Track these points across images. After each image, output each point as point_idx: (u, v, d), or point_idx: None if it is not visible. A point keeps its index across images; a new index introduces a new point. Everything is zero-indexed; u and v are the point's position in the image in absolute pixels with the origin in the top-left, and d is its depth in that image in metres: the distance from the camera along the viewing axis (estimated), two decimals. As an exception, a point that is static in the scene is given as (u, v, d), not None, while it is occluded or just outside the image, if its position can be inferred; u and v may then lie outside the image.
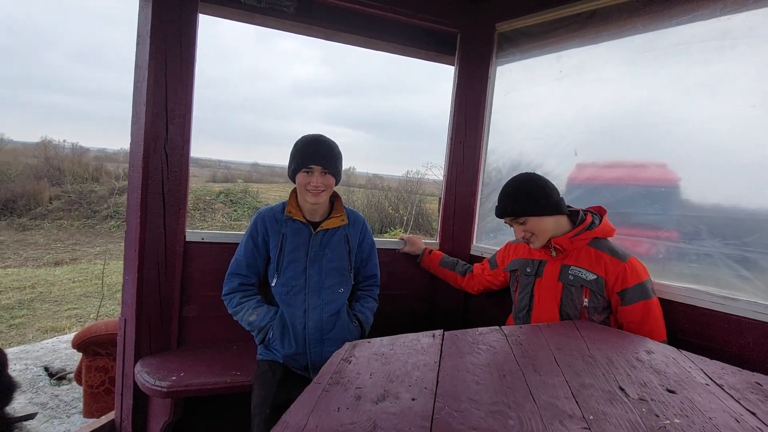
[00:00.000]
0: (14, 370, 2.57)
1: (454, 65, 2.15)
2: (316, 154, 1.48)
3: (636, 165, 1.80)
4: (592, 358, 1.01)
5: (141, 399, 1.67)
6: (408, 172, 17.83)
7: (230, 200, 15.70)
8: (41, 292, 5.55)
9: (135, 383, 1.61)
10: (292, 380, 1.45)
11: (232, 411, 1.78)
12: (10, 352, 2.86)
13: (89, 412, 1.99)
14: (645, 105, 1.77)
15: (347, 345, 1.00)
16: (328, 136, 1.57)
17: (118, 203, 14.35)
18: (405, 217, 15.08)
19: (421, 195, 17.01)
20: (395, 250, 2.06)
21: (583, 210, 1.52)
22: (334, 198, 1.65)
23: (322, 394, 0.77)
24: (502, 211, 1.49)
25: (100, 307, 4.71)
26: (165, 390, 1.45)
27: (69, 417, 2.15)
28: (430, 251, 2.03)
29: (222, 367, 1.60)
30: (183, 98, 1.69)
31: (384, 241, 2.07)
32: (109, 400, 1.97)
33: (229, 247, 1.77)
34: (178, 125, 1.71)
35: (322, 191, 1.50)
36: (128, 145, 1.75)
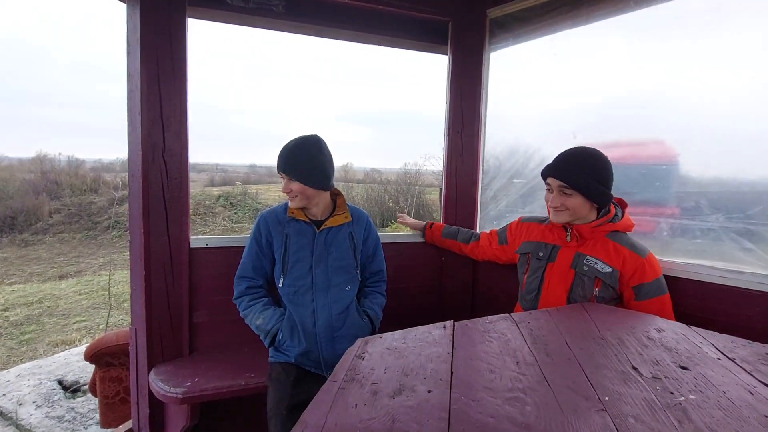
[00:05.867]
0: (28, 385, 2.60)
1: (447, 54, 2.13)
2: (281, 161, 1.51)
3: (635, 143, 1.80)
4: (603, 340, 1.02)
5: (157, 406, 1.68)
6: (406, 164, 17.77)
7: (230, 203, 15.69)
8: (48, 307, 5.57)
9: (150, 391, 1.62)
10: (306, 379, 1.46)
11: (248, 412, 1.80)
12: (23, 368, 2.88)
13: (106, 422, 2.00)
14: (641, 82, 1.77)
15: (359, 341, 1.01)
16: (319, 136, 1.56)
17: (118, 213, 14.35)
18: (406, 209, 15.10)
19: (421, 186, 17.00)
20: (396, 243, 2.06)
21: None
22: (336, 196, 1.65)
23: (338, 392, 0.78)
24: (557, 172, 1.40)
25: (108, 317, 4.73)
26: (180, 396, 1.47)
27: (86, 429, 2.17)
28: (431, 224, 2.05)
29: (235, 370, 1.61)
30: (178, 104, 1.68)
31: (387, 235, 2.07)
32: (125, 410, 1.99)
33: (233, 251, 1.77)
34: (175, 132, 1.70)
35: (295, 197, 1.51)
36: (124, 155, 1.74)
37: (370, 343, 0.99)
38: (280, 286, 1.53)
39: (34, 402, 2.39)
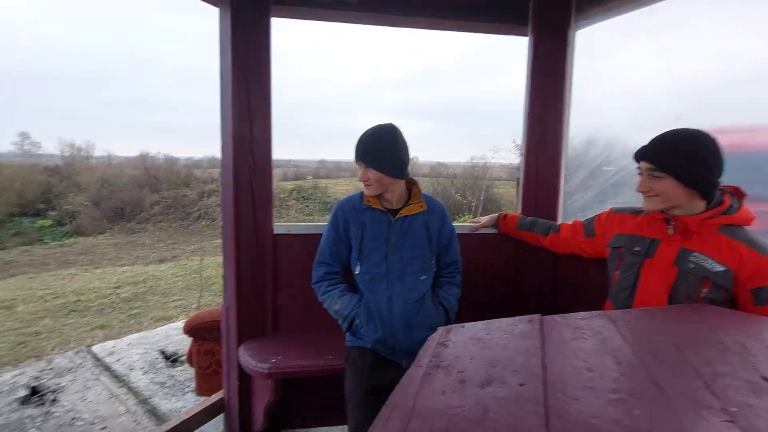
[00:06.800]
0: (137, 353, 2.97)
1: (527, 35, 2.01)
2: (358, 150, 1.52)
3: (750, 129, 1.55)
4: (722, 345, 0.89)
5: (245, 380, 1.82)
6: (472, 158, 17.27)
7: (302, 196, 16.56)
8: (151, 286, 6.32)
9: (239, 365, 1.76)
10: (382, 365, 1.49)
11: (325, 391, 1.88)
12: (133, 338, 3.30)
13: (201, 390, 2.22)
14: (759, 59, 1.51)
15: (441, 329, 0.99)
16: (394, 125, 1.56)
17: (206, 205, 15.83)
18: (473, 203, 14.70)
19: (489, 180, 16.45)
20: (471, 234, 2.00)
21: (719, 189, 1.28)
22: (412, 185, 1.64)
23: (424, 377, 0.77)
24: (647, 154, 1.27)
25: (200, 298, 5.24)
26: (266, 372, 1.57)
27: (184, 395, 2.42)
28: (505, 216, 1.96)
29: (315, 351, 1.69)
30: (263, 98, 1.79)
31: (459, 225, 2.02)
32: (217, 380, 2.19)
33: (313, 238, 1.84)
34: (260, 125, 1.81)
35: (371, 185, 1.52)
36: (211, 152, 1.91)
37: (452, 332, 0.97)
38: (357, 272, 1.57)
39: (142, 368, 2.72)
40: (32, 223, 14.99)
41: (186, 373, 2.66)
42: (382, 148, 1.50)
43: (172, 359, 2.88)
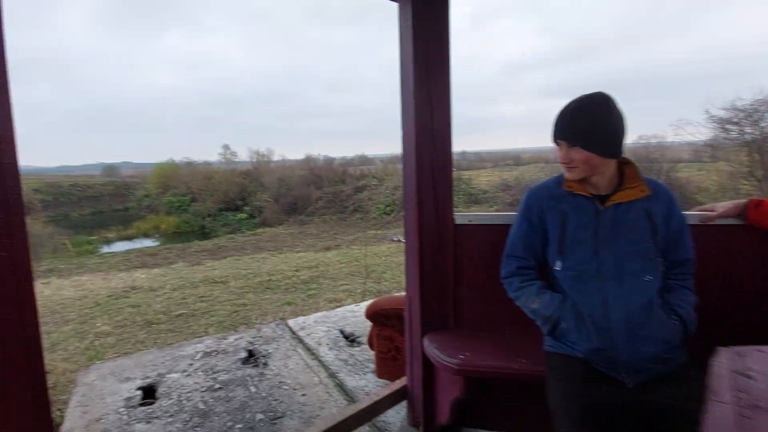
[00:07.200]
0: (322, 330, 3.34)
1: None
2: (558, 127, 1.31)
3: None
4: None
5: (429, 370, 1.82)
6: (641, 137, 14.50)
7: (447, 188, 16.56)
8: (322, 271, 7.17)
9: (424, 356, 1.76)
10: (598, 380, 1.26)
11: (518, 397, 1.73)
12: (316, 316, 3.74)
13: (381, 373, 2.34)
14: None
15: (725, 351, 0.74)
16: (606, 93, 1.29)
17: (359, 199, 17.32)
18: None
19: (669, 162, 13.65)
20: (704, 224, 1.57)
21: None
22: (625, 165, 1.35)
23: (742, 420, 0.56)
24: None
25: (365, 284, 5.71)
26: (456, 367, 1.51)
27: (365, 374, 2.60)
28: (758, 203, 1.47)
29: (505, 351, 1.56)
30: (444, 86, 1.73)
31: (687, 214, 1.60)
32: (396, 366, 2.27)
33: (495, 229, 1.72)
34: (442, 113, 1.76)
35: (575, 167, 1.29)
36: (362, 151, 1.93)
37: (750, 358, 0.71)
38: (558, 269, 1.37)
39: (327, 344, 3.04)
40: (233, 216, 18.88)
41: (364, 353, 2.86)
42: (592, 123, 1.26)
43: (350, 339, 3.15)
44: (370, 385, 2.46)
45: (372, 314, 2.28)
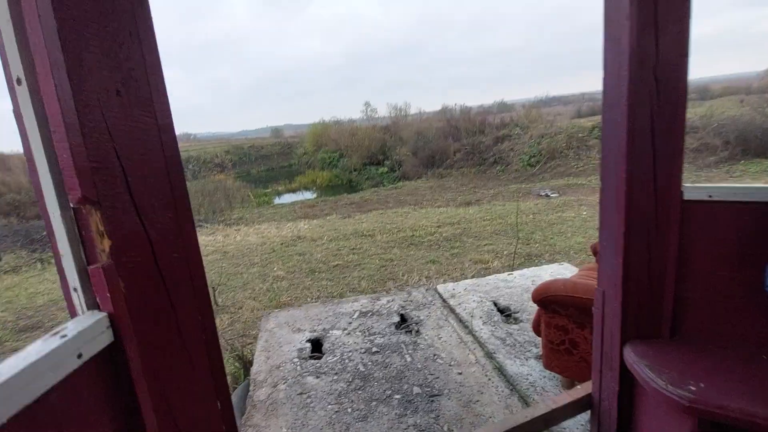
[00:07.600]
0: (473, 300, 3.12)
1: None
2: None
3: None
4: None
5: (628, 385, 1.42)
6: None
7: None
8: (464, 228, 6.90)
9: (622, 367, 1.37)
10: None
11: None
12: (466, 283, 3.54)
13: (549, 365, 2.01)
14: None
15: None
16: None
17: (500, 150, 16.10)
18: None
19: None
20: None
21: None
22: None
23: None
24: None
25: (516, 248, 5.26)
26: (686, 403, 1.09)
27: (527, 360, 2.30)
28: None
29: (763, 385, 1.06)
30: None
31: None
32: (570, 360, 1.91)
33: (750, 208, 1.17)
34: (672, 38, 1.20)
35: None
36: (501, 98, 1.43)
37: None
38: None
39: (481, 318, 2.83)
40: (376, 170, 19.80)
41: (524, 334, 2.56)
42: None
43: (505, 314, 2.86)
44: (534, 374, 2.17)
45: (541, 300, 1.93)
